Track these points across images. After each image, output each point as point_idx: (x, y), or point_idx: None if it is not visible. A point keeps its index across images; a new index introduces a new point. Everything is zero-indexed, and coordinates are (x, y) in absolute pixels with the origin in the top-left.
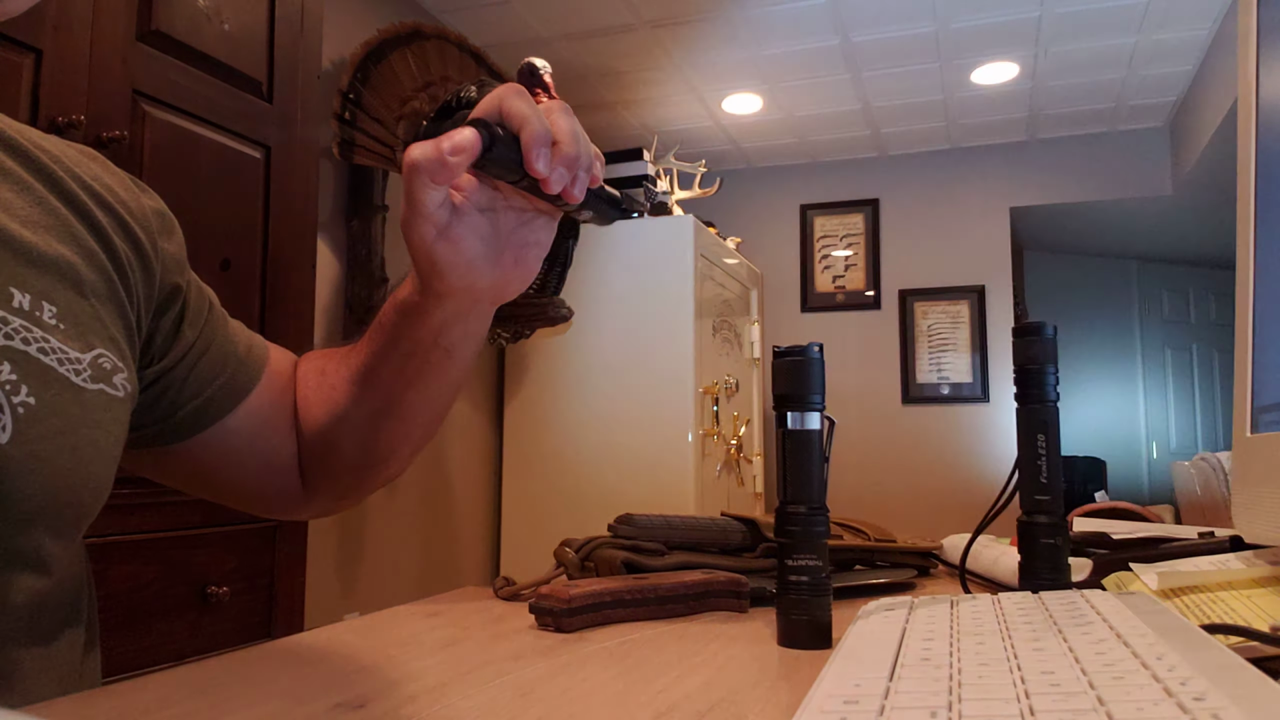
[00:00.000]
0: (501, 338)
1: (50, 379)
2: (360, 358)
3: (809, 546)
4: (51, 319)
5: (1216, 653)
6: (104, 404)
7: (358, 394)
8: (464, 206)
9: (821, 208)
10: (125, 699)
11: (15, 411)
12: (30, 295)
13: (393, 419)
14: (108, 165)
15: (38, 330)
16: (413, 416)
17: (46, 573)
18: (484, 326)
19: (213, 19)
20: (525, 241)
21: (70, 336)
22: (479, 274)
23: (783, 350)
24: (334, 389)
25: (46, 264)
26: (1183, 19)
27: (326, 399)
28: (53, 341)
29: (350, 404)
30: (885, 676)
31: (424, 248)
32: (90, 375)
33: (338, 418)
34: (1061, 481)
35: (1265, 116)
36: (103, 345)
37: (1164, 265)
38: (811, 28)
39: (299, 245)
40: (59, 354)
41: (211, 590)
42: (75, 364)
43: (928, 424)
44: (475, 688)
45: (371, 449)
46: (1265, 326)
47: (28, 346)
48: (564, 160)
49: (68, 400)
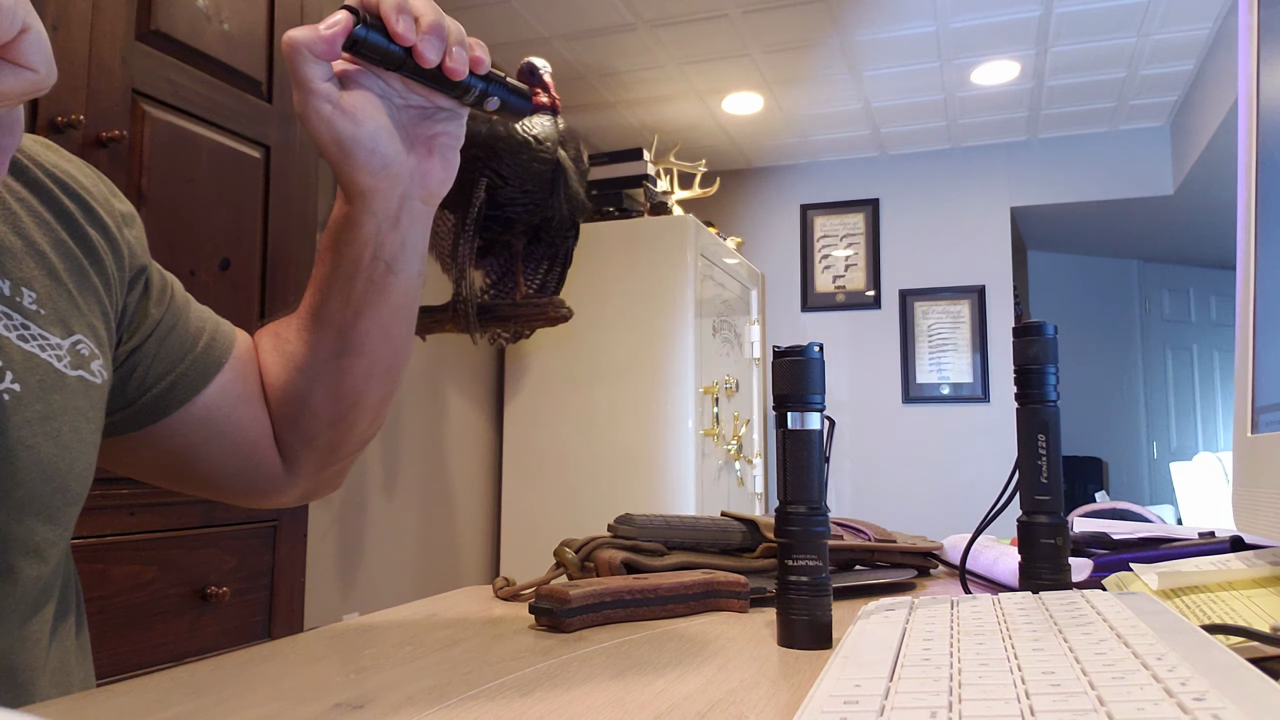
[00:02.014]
0: (501, 338)
1: (34, 364)
2: (307, 301)
3: (809, 546)
4: (32, 304)
5: (1216, 653)
6: (83, 390)
7: (311, 339)
8: (351, 75)
9: (821, 208)
10: (125, 699)
11: (1, 399)
12: (10, 281)
13: (350, 355)
14: (62, 153)
15: (18, 316)
16: (370, 349)
17: (42, 559)
18: (422, 237)
19: (212, 19)
20: (433, 132)
21: (50, 322)
22: (390, 157)
23: (783, 350)
24: (288, 343)
25: (21, 252)
26: (1183, 19)
27: (284, 356)
28: (34, 328)
29: (307, 352)
30: (885, 676)
31: (323, 125)
32: (70, 362)
33: (298, 369)
34: (1061, 481)
35: (1265, 116)
36: (81, 331)
37: (1164, 265)
38: (811, 27)
39: (299, 245)
40: (40, 340)
41: (211, 590)
42: (56, 349)
43: (928, 424)
44: (475, 688)
45: (337, 394)
46: (1265, 326)
47: (9, 333)
48: (429, 28)
49: (51, 386)
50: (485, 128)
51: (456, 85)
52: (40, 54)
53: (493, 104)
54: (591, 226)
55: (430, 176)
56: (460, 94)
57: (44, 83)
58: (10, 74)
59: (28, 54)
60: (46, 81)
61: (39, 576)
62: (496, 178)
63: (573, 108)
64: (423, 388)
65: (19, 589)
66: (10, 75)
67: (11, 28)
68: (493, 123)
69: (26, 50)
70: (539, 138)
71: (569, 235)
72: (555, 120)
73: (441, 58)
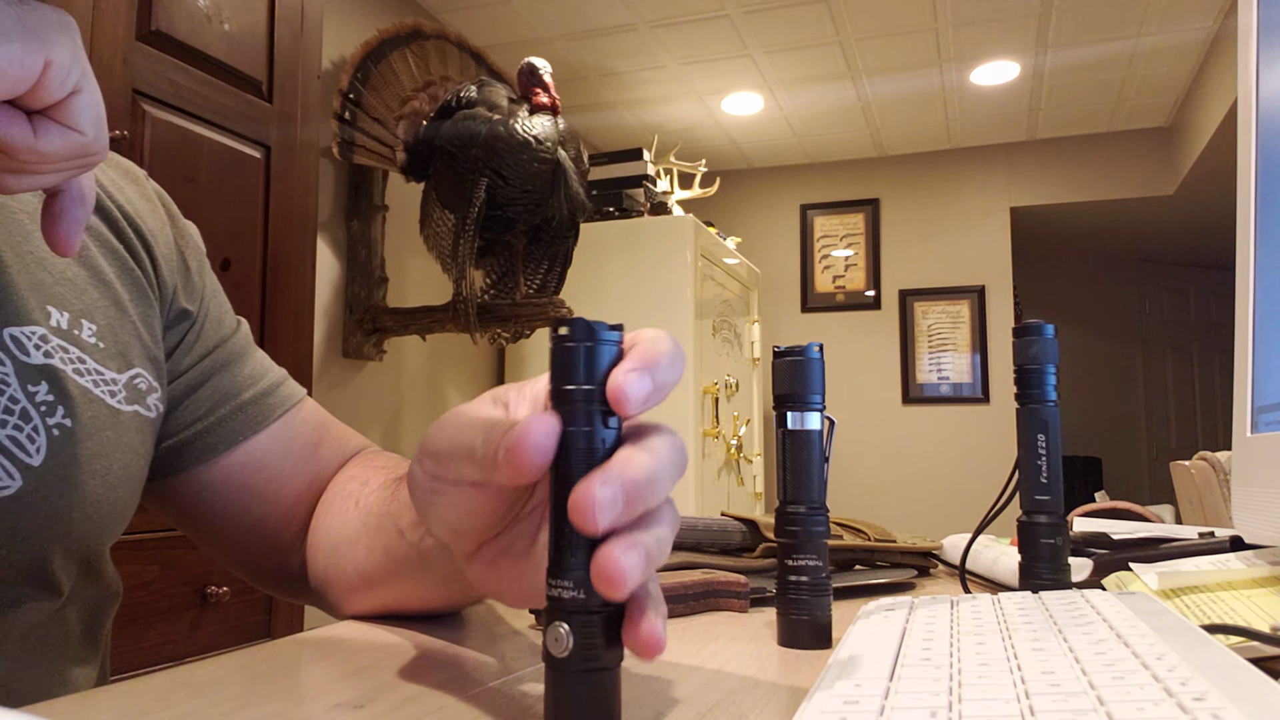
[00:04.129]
0: (501, 338)
1: (88, 400)
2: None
3: (809, 546)
4: (90, 337)
5: (1216, 653)
6: (137, 426)
7: (353, 557)
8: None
9: (821, 208)
10: (125, 699)
11: (50, 433)
12: (69, 314)
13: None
14: (141, 181)
15: (75, 349)
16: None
17: (58, 594)
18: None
19: (213, 19)
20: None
21: (109, 355)
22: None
23: (783, 350)
24: (347, 524)
25: (84, 282)
26: (1183, 19)
27: (332, 527)
28: (89, 362)
29: (352, 555)
30: (885, 676)
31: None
32: (125, 396)
33: (335, 548)
34: (1061, 481)
35: (1265, 116)
36: (140, 364)
37: (1164, 265)
38: (811, 28)
39: (299, 245)
40: (95, 375)
41: (211, 590)
42: (111, 385)
43: (928, 424)
44: (475, 688)
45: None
46: (1265, 326)
47: (65, 366)
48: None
49: (104, 423)
50: (485, 128)
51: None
52: (90, 117)
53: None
54: (591, 226)
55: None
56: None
57: (92, 148)
58: (57, 135)
59: (77, 116)
60: (95, 147)
61: (48, 611)
62: (497, 178)
63: (573, 108)
64: (423, 388)
65: (21, 622)
66: (57, 136)
67: (61, 88)
68: (493, 122)
69: (76, 112)
70: (539, 138)
71: (569, 235)
72: (555, 120)
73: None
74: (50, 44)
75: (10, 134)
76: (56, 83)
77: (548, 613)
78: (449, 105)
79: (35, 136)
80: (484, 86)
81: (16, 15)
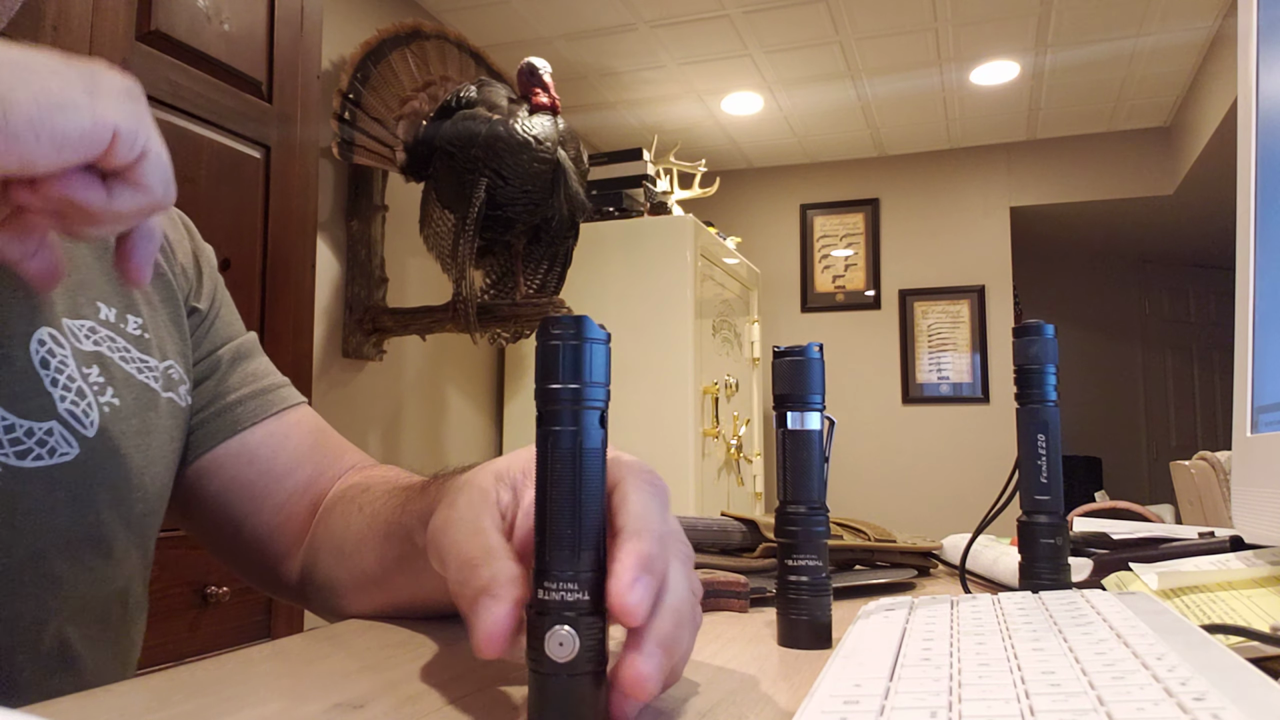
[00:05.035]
0: (501, 338)
1: (132, 384)
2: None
3: (809, 546)
4: (135, 330)
5: (1216, 653)
6: (171, 412)
7: (358, 561)
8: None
9: (821, 208)
10: (125, 699)
11: (102, 410)
12: (116, 309)
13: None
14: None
15: (120, 340)
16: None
17: (114, 559)
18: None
19: (212, 19)
20: None
21: (150, 346)
22: None
23: (783, 350)
24: (350, 529)
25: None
26: (1182, 19)
27: (336, 530)
28: (133, 351)
29: (354, 558)
30: (885, 676)
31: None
32: (164, 384)
33: (337, 549)
34: (1061, 481)
35: (1265, 116)
36: (174, 357)
37: (1164, 265)
38: (811, 27)
39: (299, 245)
40: (139, 362)
41: (211, 590)
42: (153, 371)
43: (928, 424)
44: (476, 687)
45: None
46: (1265, 326)
47: (113, 354)
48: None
49: (147, 405)
50: (485, 128)
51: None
52: (159, 177)
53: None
54: (591, 226)
55: None
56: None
57: (161, 203)
58: (129, 195)
59: (146, 177)
60: (164, 202)
61: (111, 578)
62: (496, 178)
63: (573, 108)
64: (423, 388)
65: (80, 582)
66: (129, 196)
67: (131, 152)
68: (492, 122)
69: (145, 174)
70: (539, 138)
71: (569, 235)
72: (555, 120)
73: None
74: (119, 113)
75: (88, 197)
76: (125, 149)
77: (538, 616)
78: (449, 105)
79: (109, 197)
80: (484, 86)
81: (87, 88)
